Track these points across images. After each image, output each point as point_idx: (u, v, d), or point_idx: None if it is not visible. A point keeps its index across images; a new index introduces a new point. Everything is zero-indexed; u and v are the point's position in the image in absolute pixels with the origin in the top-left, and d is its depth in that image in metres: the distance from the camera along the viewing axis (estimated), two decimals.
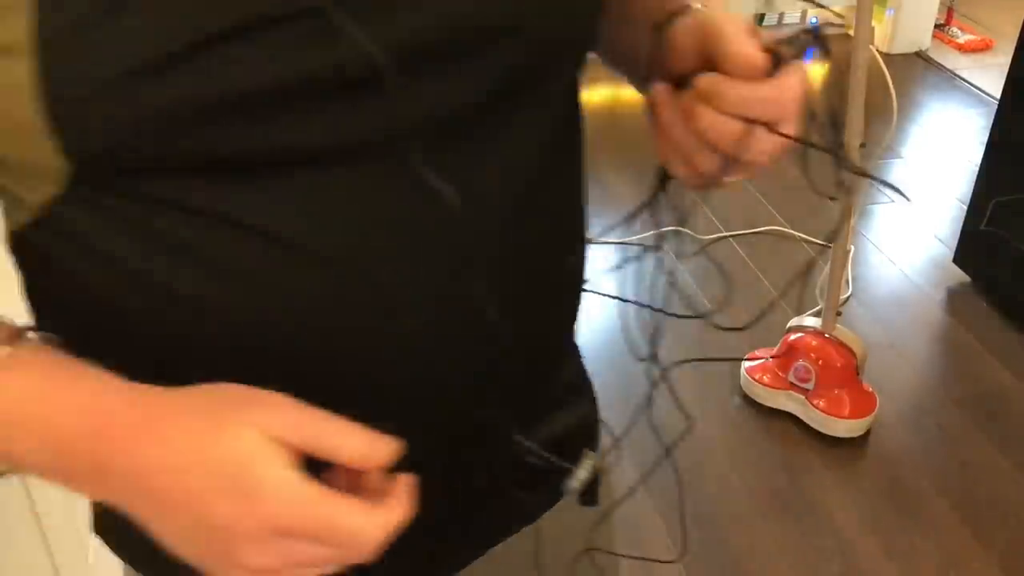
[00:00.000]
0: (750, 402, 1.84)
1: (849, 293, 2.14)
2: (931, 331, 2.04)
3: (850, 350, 1.74)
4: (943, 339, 2.01)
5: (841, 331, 1.76)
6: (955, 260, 2.19)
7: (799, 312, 2.04)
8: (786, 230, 2.37)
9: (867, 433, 1.77)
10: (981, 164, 2.06)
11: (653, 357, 0.62)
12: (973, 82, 3.21)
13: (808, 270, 1.79)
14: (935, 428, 1.79)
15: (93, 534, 0.63)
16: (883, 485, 1.67)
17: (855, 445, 1.75)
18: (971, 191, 2.09)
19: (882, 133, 2.86)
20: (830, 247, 2.14)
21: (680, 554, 1.55)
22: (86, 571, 1.25)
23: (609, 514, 0.70)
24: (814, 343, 1.76)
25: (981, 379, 1.91)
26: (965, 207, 2.18)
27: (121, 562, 0.62)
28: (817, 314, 1.90)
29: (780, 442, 1.76)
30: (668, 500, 1.63)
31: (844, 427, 1.74)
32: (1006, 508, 1.63)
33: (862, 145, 1.55)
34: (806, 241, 2.33)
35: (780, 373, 1.80)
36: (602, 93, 3.09)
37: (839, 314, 1.75)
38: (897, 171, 2.67)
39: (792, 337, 1.78)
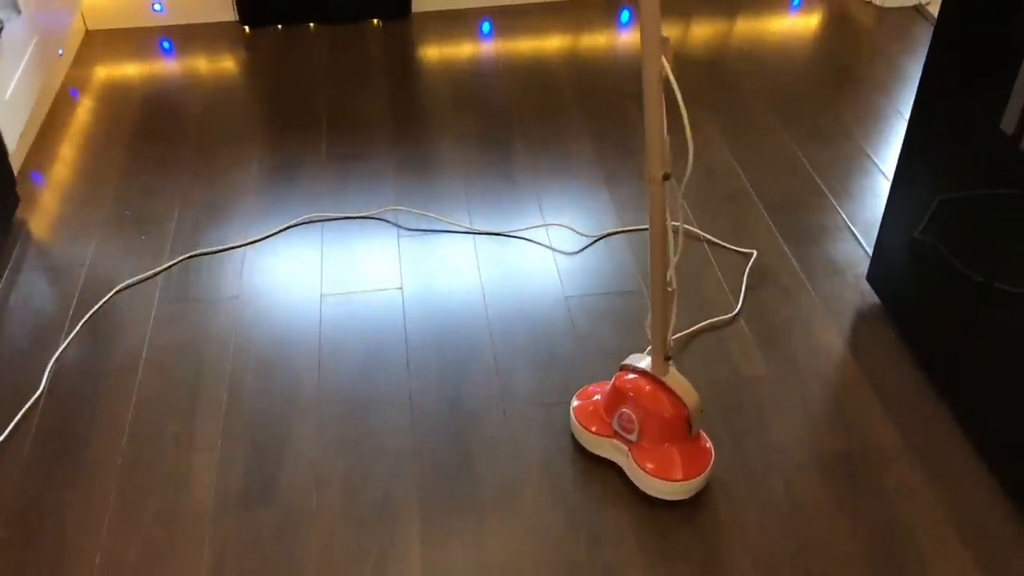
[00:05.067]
0: (579, 447, 1.61)
1: (737, 310, 1.86)
2: (818, 363, 1.75)
3: (680, 400, 1.48)
4: (830, 374, 1.73)
5: (674, 377, 1.50)
6: (869, 277, 1.89)
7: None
8: (692, 229, 2.08)
9: (700, 494, 1.52)
10: None
11: None
12: None
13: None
14: (781, 492, 1.53)
15: None
16: (698, 563, 1.43)
17: (679, 509, 1.50)
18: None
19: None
20: (747, 253, 1.84)
21: None
22: None
23: None
24: (645, 388, 1.50)
25: (859, 431, 1.63)
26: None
27: None
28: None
29: (595, 500, 1.52)
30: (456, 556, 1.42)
31: (664, 489, 1.49)
32: None
33: None
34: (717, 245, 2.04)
35: (606, 418, 1.56)
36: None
37: (668, 358, 1.49)
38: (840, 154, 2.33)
39: (620, 379, 1.53)
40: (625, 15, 3.04)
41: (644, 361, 1.53)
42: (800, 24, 2.99)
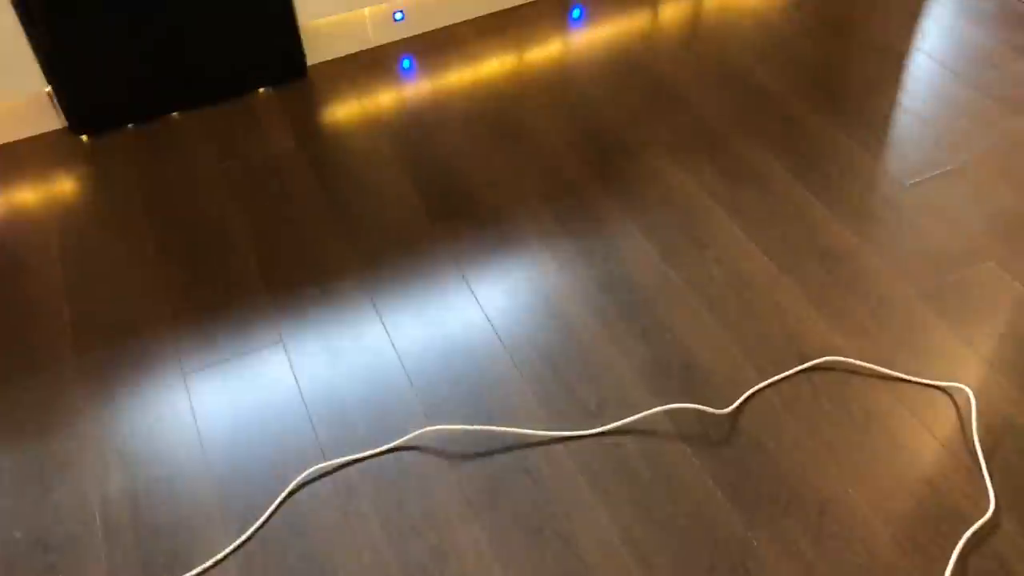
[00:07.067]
0: None
1: (993, 501, 1.30)
2: None
3: None
4: None
5: None
6: None
7: None
8: (856, 362, 1.48)
9: None
10: None
11: None
12: None
13: None
14: None
15: None
16: None
17: None
18: None
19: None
20: (956, 390, 1.18)
21: None
22: None
23: None
24: None
25: None
26: None
27: None
28: None
29: None
30: None
31: None
32: None
33: None
34: (916, 383, 1.45)
35: None
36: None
37: None
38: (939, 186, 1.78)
39: None
40: (576, 12, 2.35)
41: None
42: None
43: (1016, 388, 1.43)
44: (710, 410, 1.42)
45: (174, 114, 2.10)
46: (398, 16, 2.23)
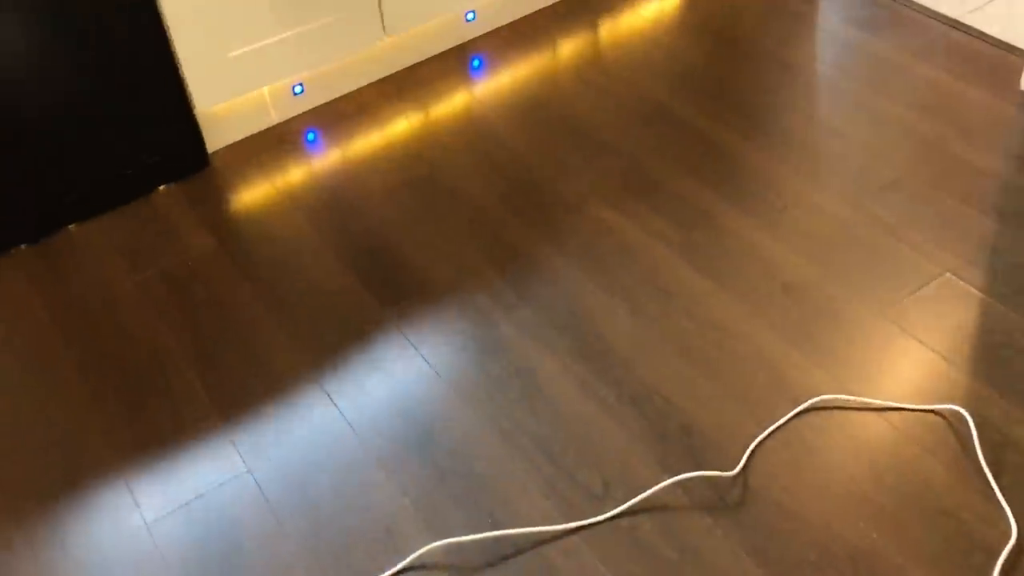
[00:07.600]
0: None
1: (1015, 529, 1.30)
2: None
3: None
4: None
5: None
6: None
7: None
8: (846, 397, 1.47)
9: None
10: None
11: None
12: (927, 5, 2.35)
13: None
14: None
15: None
16: None
17: None
18: None
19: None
20: (949, 413, 1.22)
21: None
22: None
23: None
24: None
25: None
26: None
27: None
28: None
29: None
30: None
31: None
32: None
33: None
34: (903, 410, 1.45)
35: None
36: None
37: None
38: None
39: None
40: (476, 62, 2.29)
41: None
42: (667, 3, 2.40)
43: (1005, 399, 1.45)
44: (719, 474, 1.38)
45: (71, 227, 1.93)
46: (297, 90, 2.12)
